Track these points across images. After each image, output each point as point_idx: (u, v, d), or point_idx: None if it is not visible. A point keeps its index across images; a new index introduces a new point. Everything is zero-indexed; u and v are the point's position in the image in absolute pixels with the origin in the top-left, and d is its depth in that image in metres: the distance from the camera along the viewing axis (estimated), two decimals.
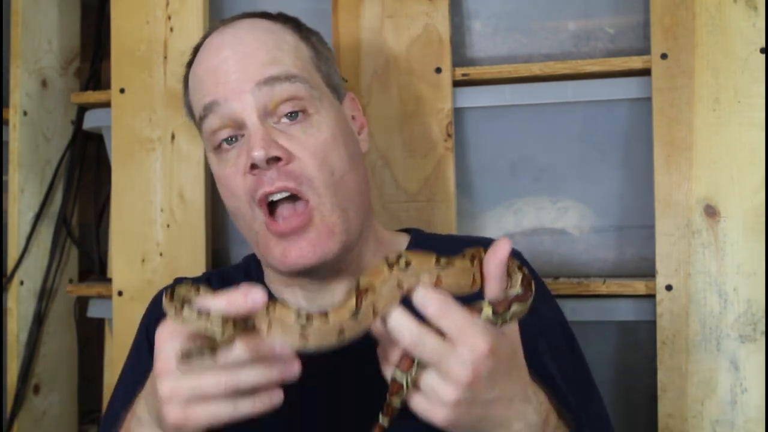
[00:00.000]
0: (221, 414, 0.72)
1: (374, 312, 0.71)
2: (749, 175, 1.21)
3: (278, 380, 0.72)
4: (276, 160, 0.88)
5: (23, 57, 1.62)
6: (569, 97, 1.32)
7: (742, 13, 1.22)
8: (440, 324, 0.70)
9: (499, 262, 0.74)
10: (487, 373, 0.71)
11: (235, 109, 0.91)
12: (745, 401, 1.20)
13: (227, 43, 0.94)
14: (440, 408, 0.71)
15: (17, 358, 1.60)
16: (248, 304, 0.70)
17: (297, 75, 0.92)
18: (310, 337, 0.70)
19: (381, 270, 0.72)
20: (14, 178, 1.61)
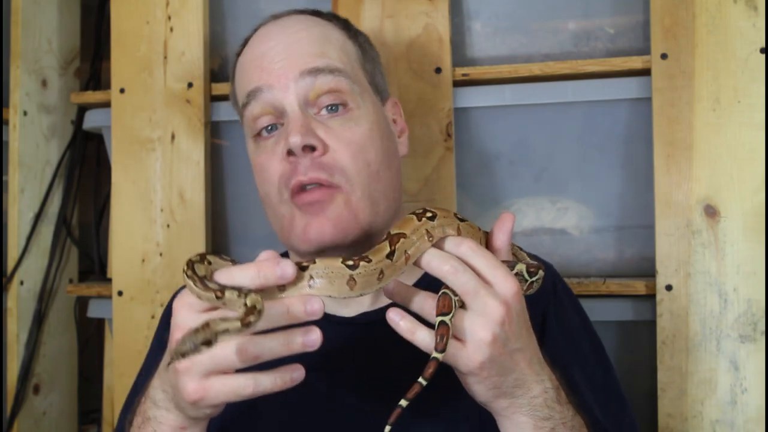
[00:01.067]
0: (241, 389, 0.70)
1: (407, 257, 0.75)
2: (749, 175, 1.21)
3: (300, 347, 0.71)
4: (311, 149, 0.89)
5: (23, 57, 1.62)
6: (569, 97, 1.32)
7: (742, 13, 1.22)
8: (473, 262, 0.74)
9: (506, 231, 0.79)
10: (516, 315, 0.74)
11: (277, 97, 0.92)
12: (745, 401, 1.20)
13: (274, 33, 0.96)
14: (477, 348, 0.72)
15: (17, 358, 1.60)
16: (278, 272, 0.70)
17: (341, 69, 0.94)
18: (358, 281, 0.73)
19: (410, 219, 0.76)
20: (14, 178, 1.61)
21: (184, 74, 1.44)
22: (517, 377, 0.75)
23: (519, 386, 0.76)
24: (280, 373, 0.72)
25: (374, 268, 0.74)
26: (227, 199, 1.49)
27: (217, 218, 1.48)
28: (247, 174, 1.46)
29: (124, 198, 1.46)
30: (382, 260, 0.74)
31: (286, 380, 0.72)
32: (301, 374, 0.73)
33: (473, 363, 0.73)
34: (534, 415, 0.77)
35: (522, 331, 0.75)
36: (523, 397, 0.76)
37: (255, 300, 0.67)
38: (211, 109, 1.46)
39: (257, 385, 0.70)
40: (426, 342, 0.73)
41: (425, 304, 0.75)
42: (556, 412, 0.77)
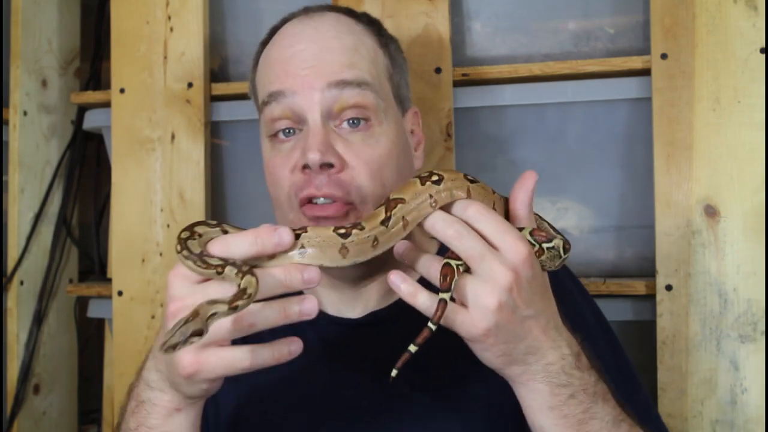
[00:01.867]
0: (238, 361, 0.69)
1: (405, 223, 0.73)
2: (749, 175, 1.21)
3: (297, 316, 0.69)
4: (329, 166, 0.87)
5: (23, 57, 1.62)
6: (569, 97, 1.32)
7: (742, 13, 1.22)
8: (480, 226, 0.71)
9: (527, 189, 0.76)
10: (527, 281, 0.71)
11: (299, 104, 0.90)
12: (745, 401, 1.20)
13: (306, 36, 0.93)
14: (482, 315, 0.70)
15: (17, 358, 1.60)
16: (275, 239, 0.69)
17: (369, 83, 0.91)
18: (350, 249, 0.71)
19: (413, 183, 0.74)
20: (14, 178, 1.61)
21: (184, 74, 1.44)
22: (529, 344, 0.73)
23: (532, 353, 0.73)
24: (277, 346, 0.70)
25: (367, 236, 0.72)
26: (227, 199, 1.49)
27: (217, 218, 1.48)
28: (247, 174, 1.47)
29: (124, 198, 1.46)
30: (376, 227, 0.72)
31: (284, 353, 0.70)
32: (298, 347, 0.71)
33: (477, 330, 0.71)
34: (550, 382, 0.74)
35: (535, 297, 0.72)
36: (537, 363, 0.74)
37: (248, 282, 0.65)
38: (211, 109, 1.46)
39: (254, 357, 0.69)
40: (426, 306, 0.71)
41: (431, 268, 0.73)
42: (576, 378, 0.75)
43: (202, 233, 0.72)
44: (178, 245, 0.69)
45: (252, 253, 0.68)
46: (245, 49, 1.49)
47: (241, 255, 0.68)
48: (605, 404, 0.77)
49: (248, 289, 0.65)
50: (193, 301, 0.67)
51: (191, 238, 0.71)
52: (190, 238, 0.70)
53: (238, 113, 1.45)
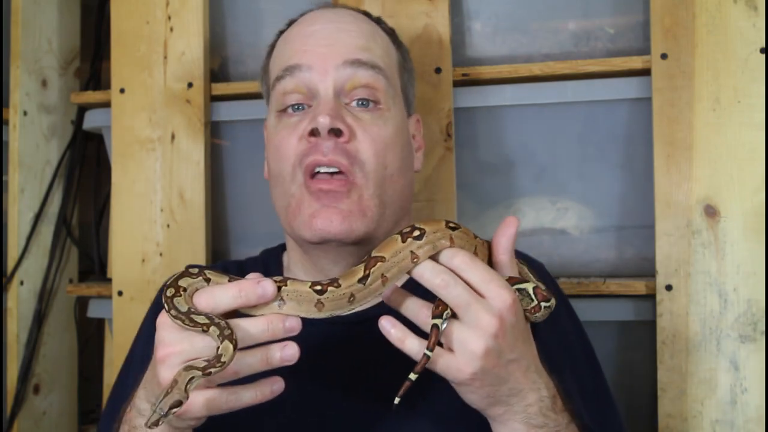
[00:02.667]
0: (223, 403, 0.73)
1: (384, 279, 0.75)
2: (749, 175, 1.21)
3: (278, 362, 0.73)
4: (337, 133, 0.89)
5: (23, 57, 1.62)
6: (569, 97, 1.32)
7: (742, 13, 1.22)
8: (467, 275, 0.73)
9: (509, 235, 0.79)
10: (511, 327, 0.73)
11: (314, 79, 0.92)
12: (745, 401, 1.20)
13: (326, 18, 0.96)
14: (469, 360, 0.72)
15: (17, 358, 1.60)
16: (258, 292, 0.72)
17: (382, 67, 0.94)
18: (326, 305, 0.74)
19: (394, 240, 0.76)
20: (14, 178, 1.61)
21: (184, 74, 1.44)
22: (512, 386, 0.76)
23: (514, 395, 0.76)
24: (260, 387, 0.75)
25: (343, 293, 0.75)
26: (227, 199, 1.49)
27: (217, 218, 1.48)
28: (247, 174, 1.47)
29: (124, 198, 1.46)
30: (353, 284, 0.75)
31: (266, 393, 0.75)
32: (280, 386, 0.75)
33: (463, 375, 0.73)
34: (528, 423, 0.77)
35: (518, 342, 0.75)
36: (519, 404, 0.77)
37: (224, 349, 0.70)
38: (211, 109, 1.46)
39: (238, 399, 0.73)
40: (415, 350, 0.74)
41: (420, 314, 0.75)
42: (551, 420, 0.78)
43: (186, 287, 0.75)
44: (165, 304, 0.73)
45: (236, 306, 0.73)
46: (245, 49, 1.49)
47: (226, 307, 0.72)
48: None
49: (222, 357, 0.69)
50: (180, 348, 0.72)
51: (177, 294, 0.74)
52: (176, 295, 0.74)
53: (238, 113, 1.45)
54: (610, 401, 0.99)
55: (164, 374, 0.72)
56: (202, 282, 0.76)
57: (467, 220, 1.39)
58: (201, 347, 0.72)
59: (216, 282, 0.76)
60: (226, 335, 0.70)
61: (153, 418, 0.69)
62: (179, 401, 0.69)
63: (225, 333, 0.70)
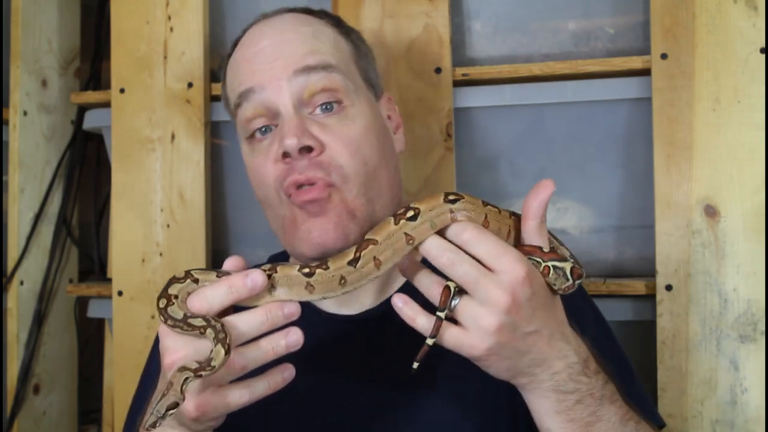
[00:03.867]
0: (237, 398, 0.73)
1: (377, 263, 0.75)
2: (749, 175, 1.21)
3: (284, 349, 0.73)
4: (308, 150, 0.88)
5: (23, 57, 1.62)
6: (569, 97, 1.32)
7: (742, 13, 1.22)
8: (475, 250, 0.72)
9: (541, 201, 0.76)
10: (526, 300, 0.71)
11: (270, 97, 0.91)
12: (745, 401, 1.20)
13: (266, 33, 0.95)
14: (482, 337, 0.71)
15: (17, 358, 1.60)
16: (249, 285, 0.72)
17: (334, 65, 0.92)
18: (316, 287, 0.75)
19: (386, 224, 0.75)
20: (14, 178, 1.61)
21: (184, 74, 1.44)
22: (533, 357, 0.74)
23: (537, 365, 0.75)
24: (271, 376, 0.75)
25: (332, 275, 0.75)
26: (227, 199, 1.49)
27: (217, 218, 1.48)
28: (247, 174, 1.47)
29: (124, 198, 1.46)
30: (342, 267, 0.75)
31: (278, 381, 0.75)
32: (291, 373, 0.76)
33: (478, 351, 0.72)
34: (557, 390, 0.76)
35: (537, 313, 0.73)
36: (544, 373, 0.75)
37: (216, 352, 0.70)
38: (211, 109, 1.46)
39: (252, 392, 0.74)
40: (426, 327, 0.73)
41: (431, 289, 0.74)
42: (583, 384, 0.76)
43: (176, 293, 0.76)
44: (161, 316, 0.74)
45: (230, 302, 0.73)
46: None
47: (219, 306, 0.73)
48: (612, 405, 0.78)
49: (213, 361, 0.70)
50: (185, 352, 0.72)
51: (170, 303, 0.74)
52: (169, 305, 0.74)
53: None
54: (626, 363, 0.98)
55: (168, 359, 0.73)
56: (191, 284, 0.76)
57: None
58: (204, 349, 0.72)
59: (204, 281, 0.76)
60: (220, 339, 0.70)
61: (150, 420, 0.70)
62: (176, 403, 0.70)
63: (219, 336, 0.70)
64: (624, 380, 0.89)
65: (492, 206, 0.77)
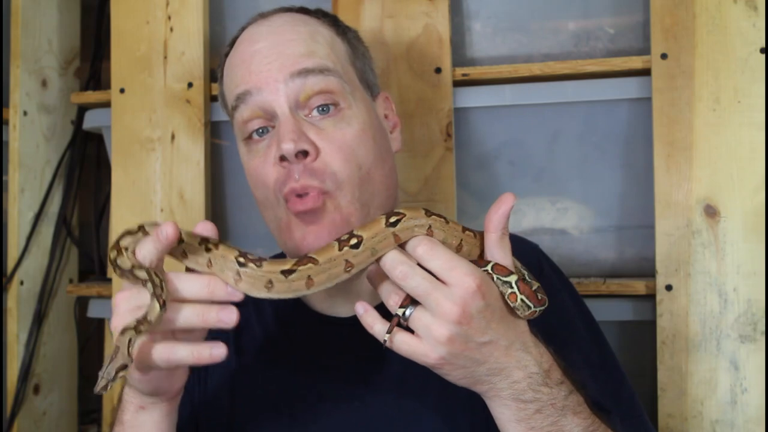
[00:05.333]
0: (158, 355, 0.75)
1: (310, 282, 0.76)
2: (749, 175, 1.21)
3: (215, 322, 0.75)
4: (304, 154, 0.88)
5: (23, 57, 1.62)
6: (569, 97, 1.32)
7: (742, 13, 1.22)
8: (429, 264, 0.74)
9: (501, 214, 0.79)
10: (478, 312, 0.73)
11: (266, 100, 0.91)
12: (745, 401, 1.20)
13: (263, 35, 0.94)
14: (433, 346, 0.73)
15: (17, 358, 1.60)
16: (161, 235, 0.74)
17: (330, 68, 0.92)
18: (243, 279, 0.75)
19: (331, 247, 0.76)
20: (14, 178, 1.61)
21: (184, 74, 1.44)
22: (490, 366, 0.75)
23: (495, 374, 0.76)
24: (198, 347, 0.75)
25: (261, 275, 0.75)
26: (227, 199, 1.49)
27: (217, 218, 1.48)
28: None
29: (124, 198, 1.46)
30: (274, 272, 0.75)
31: (204, 355, 0.75)
32: (220, 353, 0.75)
33: (430, 359, 0.74)
34: (517, 398, 0.77)
35: (492, 324, 0.74)
36: (502, 382, 0.76)
37: (151, 308, 0.72)
38: (211, 109, 1.46)
39: (172, 353, 0.74)
40: (381, 334, 0.75)
41: (389, 299, 0.76)
42: (543, 393, 0.77)
43: (127, 246, 0.77)
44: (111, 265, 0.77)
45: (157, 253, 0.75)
46: None
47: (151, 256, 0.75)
48: (575, 416, 0.79)
49: (149, 315, 0.72)
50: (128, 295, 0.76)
51: (119, 255, 0.76)
52: (119, 256, 0.76)
53: None
54: (618, 372, 0.98)
55: (114, 321, 0.76)
56: (142, 237, 0.78)
57: (467, 220, 1.39)
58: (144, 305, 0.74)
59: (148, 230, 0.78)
60: (157, 294, 0.72)
61: (101, 383, 0.72)
62: (124, 365, 0.72)
63: (156, 292, 0.72)
64: (606, 387, 0.89)
65: (437, 216, 0.78)
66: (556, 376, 0.79)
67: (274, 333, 1.01)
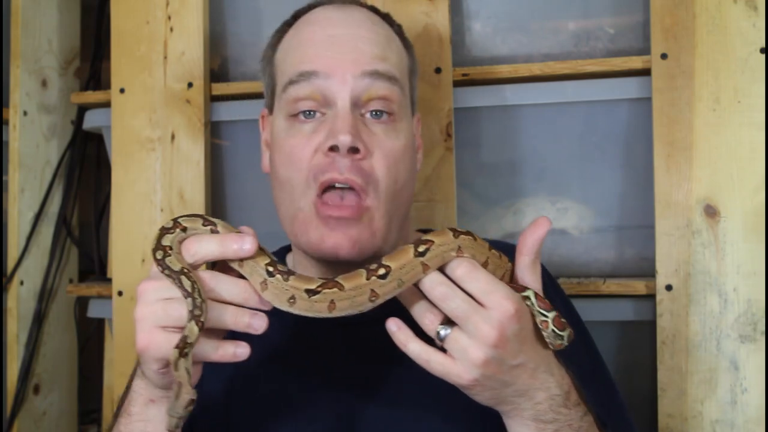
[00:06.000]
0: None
1: (332, 306, 0.74)
2: (749, 175, 1.21)
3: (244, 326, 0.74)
4: (355, 151, 0.88)
5: (23, 57, 1.62)
6: (569, 97, 1.32)
7: (742, 13, 1.22)
8: (468, 286, 0.73)
9: (536, 238, 0.78)
10: (513, 336, 0.73)
11: (331, 87, 0.90)
12: (745, 401, 1.20)
13: (342, 22, 0.94)
14: (468, 368, 0.73)
15: (17, 358, 1.60)
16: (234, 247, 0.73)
17: (398, 78, 0.93)
18: (269, 288, 0.74)
19: (359, 275, 0.75)
20: (14, 178, 1.61)
21: (184, 74, 1.44)
22: (517, 388, 0.76)
23: (520, 395, 0.76)
24: (223, 345, 0.75)
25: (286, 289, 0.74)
26: (227, 199, 1.49)
27: (216, 218, 1.48)
28: (247, 174, 1.47)
29: (124, 198, 1.46)
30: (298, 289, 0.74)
31: (227, 353, 0.75)
32: (244, 352, 0.75)
33: (464, 380, 0.74)
34: (537, 419, 0.77)
35: (524, 347, 0.75)
36: (526, 403, 0.77)
37: (189, 329, 0.71)
38: (211, 109, 1.46)
39: (199, 348, 0.73)
40: (416, 353, 0.74)
41: (424, 318, 0.75)
42: (562, 415, 0.78)
43: (170, 245, 0.76)
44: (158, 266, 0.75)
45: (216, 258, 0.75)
46: (246, 49, 1.49)
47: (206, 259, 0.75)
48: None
49: (188, 338, 0.71)
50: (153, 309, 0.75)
51: (167, 255, 0.75)
52: (166, 256, 0.75)
53: (238, 113, 1.45)
54: (609, 382, 0.99)
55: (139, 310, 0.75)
56: (180, 233, 0.77)
57: (467, 220, 1.39)
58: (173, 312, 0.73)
59: (192, 228, 0.77)
60: (195, 315, 0.71)
61: (173, 423, 0.71)
62: (192, 399, 0.71)
63: (195, 313, 0.71)
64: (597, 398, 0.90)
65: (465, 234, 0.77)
66: (574, 397, 0.80)
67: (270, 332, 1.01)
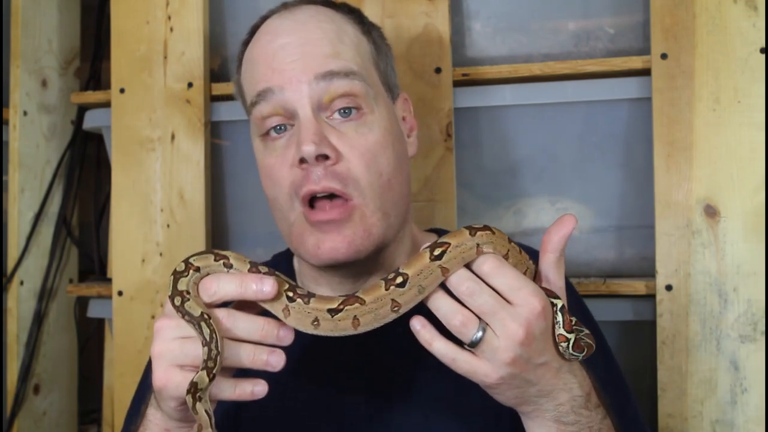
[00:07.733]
0: None
1: (356, 323, 0.73)
2: (749, 175, 1.21)
3: (263, 364, 0.74)
4: (325, 158, 0.86)
5: (23, 57, 1.62)
6: (569, 97, 1.32)
7: (742, 13, 1.22)
8: (495, 282, 0.72)
9: (562, 236, 0.77)
10: (540, 333, 0.72)
11: (289, 99, 0.88)
12: (745, 401, 1.20)
13: (288, 29, 0.92)
14: (496, 367, 0.72)
15: (17, 358, 1.60)
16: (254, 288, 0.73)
17: (356, 71, 0.90)
18: (291, 314, 0.74)
19: (377, 287, 0.73)
20: (14, 178, 1.61)
21: (184, 74, 1.44)
22: (541, 388, 0.75)
23: (544, 395, 0.76)
24: (240, 384, 0.74)
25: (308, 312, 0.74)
26: (227, 199, 1.49)
27: (217, 218, 1.48)
28: (247, 174, 1.47)
29: (124, 198, 1.46)
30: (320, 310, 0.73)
31: (246, 392, 0.74)
32: (262, 390, 0.74)
33: (490, 380, 0.73)
34: (559, 420, 0.77)
35: (548, 345, 0.74)
36: (549, 404, 0.76)
37: (200, 377, 0.71)
38: (211, 109, 1.46)
39: (215, 388, 0.73)
40: (442, 352, 0.73)
41: (454, 318, 0.73)
42: (583, 416, 0.77)
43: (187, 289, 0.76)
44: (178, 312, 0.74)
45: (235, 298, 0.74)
46: None
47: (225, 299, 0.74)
48: None
49: (199, 384, 0.71)
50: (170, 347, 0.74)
51: (185, 300, 0.74)
52: (185, 302, 0.74)
53: (238, 113, 1.43)
54: (625, 387, 0.98)
55: (156, 347, 0.74)
56: (194, 274, 0.77)
57: (467, 220, 1.39)
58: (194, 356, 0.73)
59: (205, 267, 0.77)
60: (208, 367, 0.71)
61: None
62: None
63: (209, 365, 0.71)
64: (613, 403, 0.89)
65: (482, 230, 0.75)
66: (594, 399, 0.79)
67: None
